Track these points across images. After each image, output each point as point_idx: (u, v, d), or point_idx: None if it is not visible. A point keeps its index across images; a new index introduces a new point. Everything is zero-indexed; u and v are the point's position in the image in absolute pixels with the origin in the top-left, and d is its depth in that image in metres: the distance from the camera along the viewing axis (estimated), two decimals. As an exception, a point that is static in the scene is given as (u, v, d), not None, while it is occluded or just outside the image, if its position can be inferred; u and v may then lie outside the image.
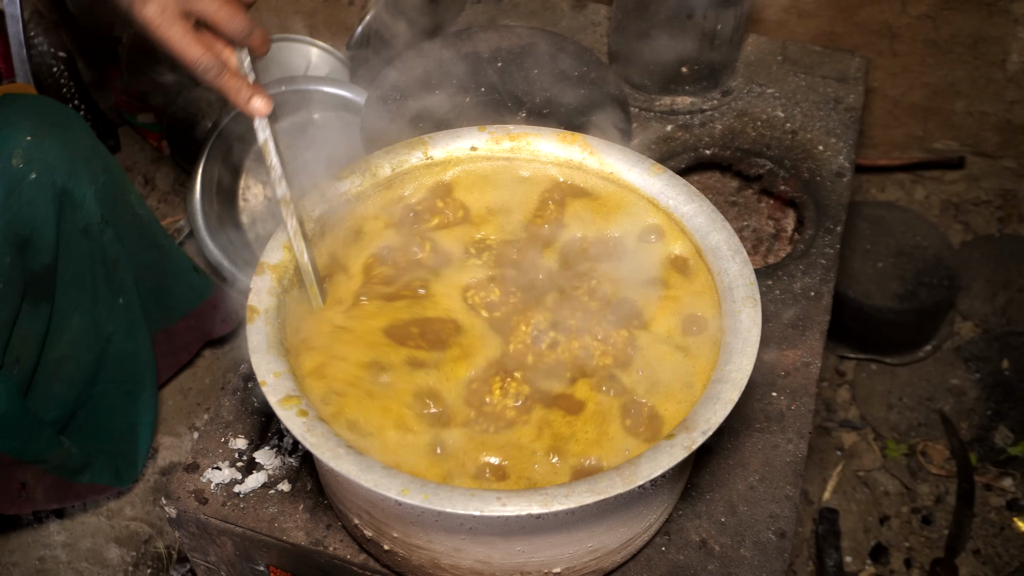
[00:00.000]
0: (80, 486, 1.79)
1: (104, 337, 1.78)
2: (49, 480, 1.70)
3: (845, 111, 1.74)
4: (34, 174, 1.53)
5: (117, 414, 1.86)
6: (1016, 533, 1.93)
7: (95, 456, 1.80)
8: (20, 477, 1.64)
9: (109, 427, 1.86)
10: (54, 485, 1.72)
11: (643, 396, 1.00)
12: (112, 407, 1.85)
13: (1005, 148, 2.35)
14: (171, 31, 0.98)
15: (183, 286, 1.97)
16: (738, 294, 1.02)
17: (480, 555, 0.96)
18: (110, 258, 1.72)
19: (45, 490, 1.71)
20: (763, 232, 1.64)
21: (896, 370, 2.19)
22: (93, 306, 1.74)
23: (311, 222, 1.12)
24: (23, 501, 1.67)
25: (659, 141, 1.69)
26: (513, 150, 1.21)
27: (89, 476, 1.79)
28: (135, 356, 1.84)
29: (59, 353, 1.72)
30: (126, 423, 1.88)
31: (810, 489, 2.01)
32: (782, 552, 1.13)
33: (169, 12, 0.98)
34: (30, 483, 1.66)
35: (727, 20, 1.65)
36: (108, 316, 1.76)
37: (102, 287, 1.74)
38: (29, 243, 1.56)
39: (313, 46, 2.50)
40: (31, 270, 1.59)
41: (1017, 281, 2.29)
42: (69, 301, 1.69)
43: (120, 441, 1.88)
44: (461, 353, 1.04)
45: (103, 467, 1.82)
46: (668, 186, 1.15)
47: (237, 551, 1.18)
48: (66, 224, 1.62)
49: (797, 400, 1.28)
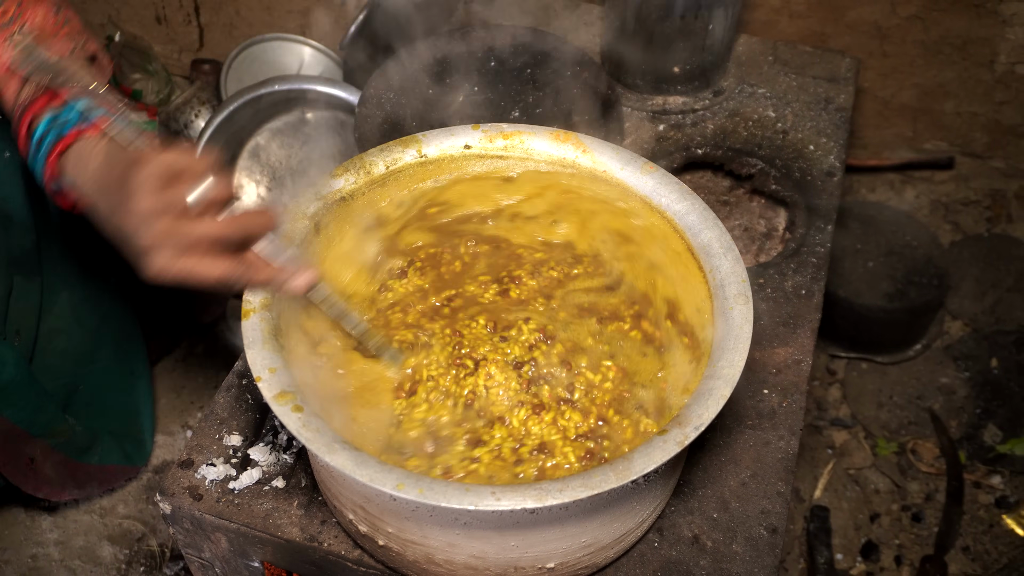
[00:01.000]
0: (92, 467, 1.79)
1: (99, 314, 1.78)
2: (57, 457, 1.70)
3: (835, 111, 1.75)
4: (7, 152, 1.52)
5: (118, 392, 1.88)
6: (1005, 530, 1.94)
7: (100, 435, 1.81)
8: (28, 451, 1.64)
9: (111, 405, 1.87)
10: (62, 463, 1.72)
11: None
12: (112, 385, 1.86)
13: (994, 148, 2.37)
14: (183, 269, 0.97)
15: None
16: (730, 291, 1.03)
17: (474, 550, 0.97)
18: (95, 238, 1.72)
19: (55, 467, 1.70)
20: (754, 231, 1.65)
21: (886, 369, 2.21)
22: (83, 284, 1.74)
23: (305, 219, 1.12)
24: (34, 477, 1.67)
25: (651, 140, 1.70)
26: (507, 148, 1.22)
27: (98, 456, 1.79)
28: (131, 335, 1.84)
29: (51, 326, 1.72)
30: (128, 401, 1.89)
31: (801, 487, 2.02)
32: (773, 548, 1.14)
33: (173, 256, 0.96)
34: (38, 458, 1.66)
35: (718, 20, 1.66)
36: (101, 295, 1.76)
37: (92, 266, 1.74)
38: (10, 220, 1.56)
39: (306, 45, 2.51)
40: (19, 246, 1.58)
41: (1006, 280, 2.30)
42: (56, 277, 1.69)
43: (124, 420, 1.89)
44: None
45: (111, 447, 1.83)
46: (660, 184, 1.16)
47: (231, 547, 1.19)
48: (42, 203, 1.61)
49: (788, 397, 1.29)
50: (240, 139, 2.25)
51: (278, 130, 2.26)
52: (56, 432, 1.67)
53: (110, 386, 1.87)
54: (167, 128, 2.52)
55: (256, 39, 2.51)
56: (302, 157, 2.22)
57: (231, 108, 2.16)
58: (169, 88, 2.73)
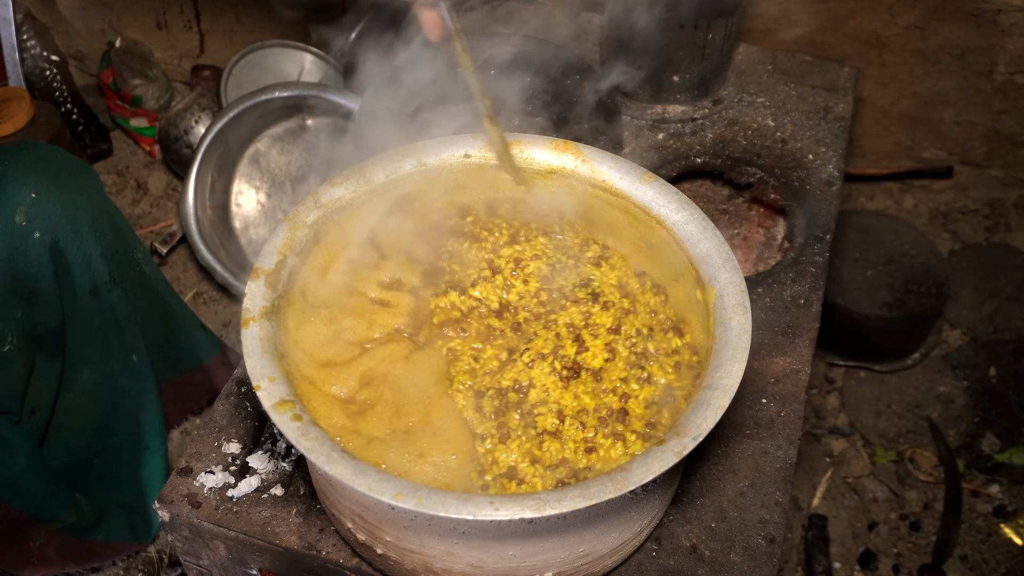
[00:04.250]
0: (95, 544, 1.76)
1: (117, 391, 1.78)
2: (61, 538, 1.68)
3: (835, 120, 1.75)
4: (37, 233, 1.53)
5: (130, 467, 1.85)
6: (1003, 539, 1.95)
7: (109, 510, 1.79)
8: (33, 537, 1.63)
9: (123, 480, 1.84)
10: (66, 543, 1.70)
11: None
12: (125, 459, 1.84)
13: (992, 158, 2.37)
14: None
15: (189, 342, 1.95)
16: (728, 301, 1.03)
17: (472, 559, 0.97)
18: (120, 316, 1.72)
19: (57, 548, 1.69)
20: (753, 240, 1.65)
21: (885, 377, 2.21)
22: (104, 362, 1.73)
23: (305, 227, 1.12)
24: (36, 562, 1.66)
25: (651, 149, 1.70)
26: (506, 157, 1.22)
27: (104, 533, 1.77)
28: (148, 411, 1.83)
29: (68, 404, 1.71)
30: (139, 476, 1.86)
31: (799, 495, 2.02)
32: (771, 557, 1.14)
33: None
34: (43, 542, 1.65)
35: (718, 30, 1.67)
36: (121, 371, 1.76)
37: (114, 344, 1.73)
38: (36, 297, 1.56)
39: (307, 52, 2.51)
40: (44, 324, 1.58)
41: (1004, 289, 2.31)
42: (79, 356, 1.69)
43: (134, 495, 1.86)
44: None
45: (118, 522, 1.80)
46: (659, 194, 1.16)
47: (230, 555, 1.19)
48: (70, 284, 1.61)
49: (787, 406, 1.30)
50: (240, 145, 2.25)
51: (278, 136, 2.26)
52: (65, 516, 1.66)
53: (123, 460, 1.84)
54: (167, 134, 2.53)
55: (256, 45, 2.51)
56: (302, 163, 2.23)
57: (231, 114, 2.16)
58: (169, 94, 2.73)
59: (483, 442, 1.00)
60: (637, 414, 1.01)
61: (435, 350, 1.09)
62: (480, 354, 1.09)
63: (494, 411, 1.01)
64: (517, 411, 1.02)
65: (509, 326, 1.12)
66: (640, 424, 1.00)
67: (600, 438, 0.99)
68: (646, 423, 1.00)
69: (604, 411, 1.02)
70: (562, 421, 1.00)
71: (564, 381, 1.04)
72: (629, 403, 1.02)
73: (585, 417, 1.01)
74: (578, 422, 1.00)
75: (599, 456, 0.97)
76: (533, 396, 1.03)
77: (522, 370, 1.05)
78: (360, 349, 1.08)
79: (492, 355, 1.09)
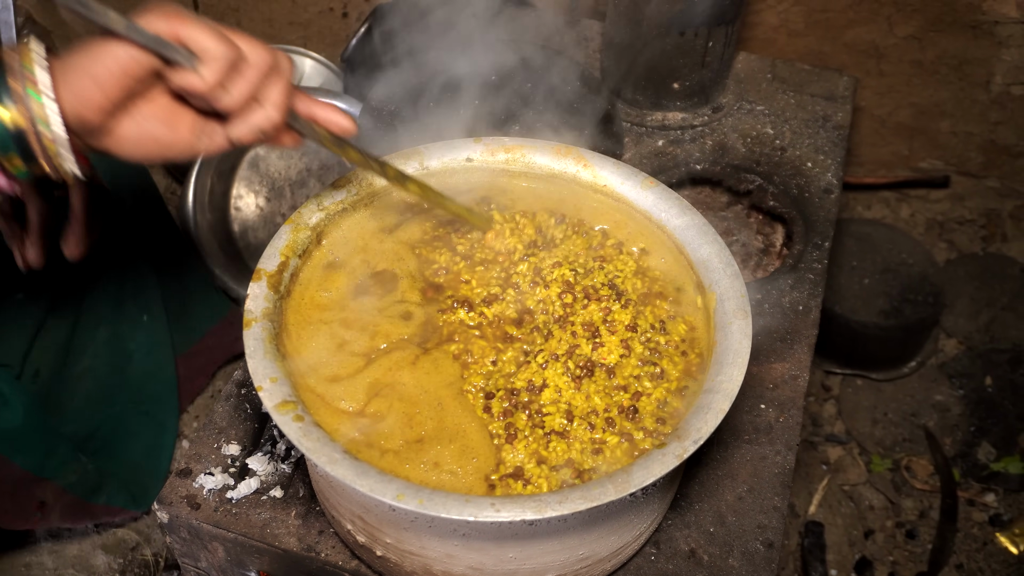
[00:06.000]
0: (96, 507, 1.76)
1: (126, 354, 1.77)
2: (68, 499, 1.68)
3: (833, 129, 1.76)
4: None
5: (135, 436, 1.84)
6: (998, 548, 1.95)
7: (111, 477, 1.78)
8: (39, 495, 1.62)
9: (127, 449, 1.83)
10: (72, 504, 1.70)
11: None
12: (130, 429, 1.83)
13: (989, 168, 2.39)
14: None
15: (203, 304, 1.96)
16: (729, 306, 1.04)
17: (473, 561, 0.97)
18: (141, 271, 1.72)
19: (62, 509, 1.68)
20: (752, 247, 1.66)
21: (881, 386, 2.21)
22: (118, 320, 1.72)
23: (307, 229, 1.13)
24: (39, 520, 1.66)
25: (650, 156, 1.71)
26: (508, 162, 1.23)
27: (105, 497, 1.76)
28: (156, 377, 1.82)
29: (81, 367, 1.70)
30: (143, 446, 1.85)
31: (796, 502, 2.02)
32: (769, 563, 1.14)
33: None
34: (49, 501, 1.64)
35: (718, 38, 1.68)
36: (131, 332, 1.75)
37: (128, 301, 1.72)
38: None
39: (307, 57, 2.51)
40: (63, 283, 1.58)
41: (1000, 299, 2.32)
42: (95, 313, 1.68)
43: (137, 464, 1.85)
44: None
45: (119, 489, 1.80)
46: (660, 199, 1.17)
47: (228, 557, 1.19)
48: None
49: (785, 412, 1.30)
50: (240, 149, 2.25)
51: (278, 141, 2.26)
52: (68, 474, 1.65)
53: (128, 428, 1.83)
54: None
55: (257, 50, 2.51)
56: (301, 168, 2.23)
57: (232, 118, 2.16)
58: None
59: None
60: (648, 410, 1.00)
61: (444, 353, 1.05)
62: (500, 356, 1.06)
63: (502, 412, 1.00)
64: (525, 411, 1.00)
65: (529, 330, 1.09)
66: (651, 421, 0.99)
67: (608, 436, 0.98)
68: (656, 419, 1.00)
69: (615, 410, 1.00)
70: (571, 421, 0.99)
71: (576, 381, 1.02)
72: (640, 401, 1.01)
73: (594, 418, 0.99)
74: (586, 423, 0.99)
75: (605, 457, 0.97)
76: (545, 396, 1.01)
77: (536, 371, 1.03)
78: (366, 360, 1.04)
79: (511, 358, 1.06)
